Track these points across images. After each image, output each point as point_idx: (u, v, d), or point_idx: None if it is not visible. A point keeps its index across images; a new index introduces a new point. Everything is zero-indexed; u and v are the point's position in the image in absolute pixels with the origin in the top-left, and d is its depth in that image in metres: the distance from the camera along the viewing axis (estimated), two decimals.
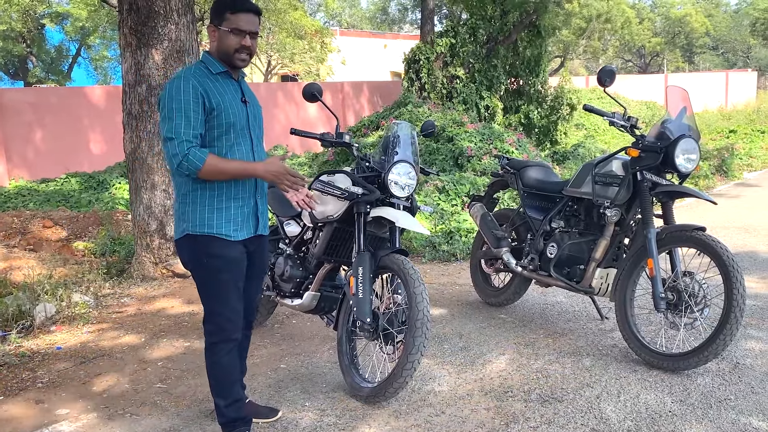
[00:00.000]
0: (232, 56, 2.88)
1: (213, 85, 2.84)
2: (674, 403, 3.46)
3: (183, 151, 2.72)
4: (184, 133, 2.73)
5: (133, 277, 6.10)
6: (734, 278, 3.59)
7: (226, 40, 2.85)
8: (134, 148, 6.02)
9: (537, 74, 14.57)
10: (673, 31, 48.37)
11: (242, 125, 2.93)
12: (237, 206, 2.92)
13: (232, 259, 2.93)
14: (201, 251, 2.90)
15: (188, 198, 2.90)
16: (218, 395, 3.09)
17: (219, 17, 2.86)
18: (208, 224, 2.87)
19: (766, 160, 13.18)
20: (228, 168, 2.81)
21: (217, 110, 2.82)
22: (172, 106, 2.76)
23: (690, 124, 4.05)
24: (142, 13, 5.80)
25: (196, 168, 2.73)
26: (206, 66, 2.89)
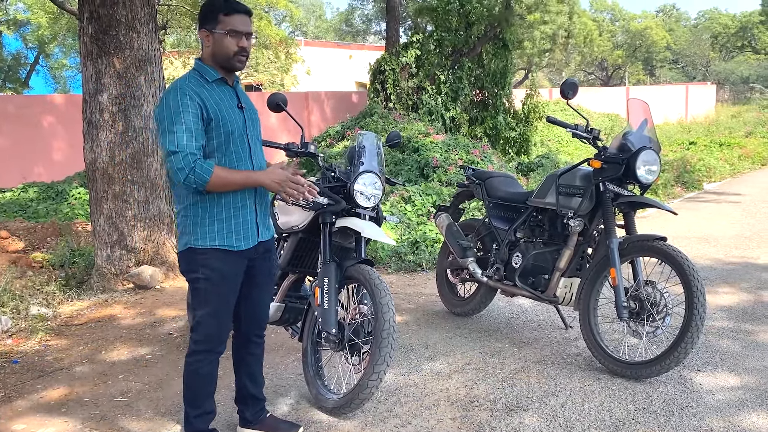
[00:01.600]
0: (231, 59, 2.82)
1: (209, 94, 2.80)
2: (637, 411, 3.50)
3: (189, 164, 2.66)
4: (188, 146, 2.67)
5: (93, 288, 5.98)
6: (695, 287, 3.65)
7: (223, 43, 2.80)
8: (95, 157, 5.91)
9: (503, 86, 14.71)
10: (633, 44, 49.36)
11: (240, 132, 2.89)
12: (238, 216, 2.90)
13: (228, 273, 2.90)
14: (200, 263, 2.87)
15: (189, 211, 2.86)
16: (190, 404, 3.06)
17: (212, 21, 2.80)
18: (210, 236, 2.84)
19: (725, 172, 13.48)
20: (234, 179, 2.78)
21: (215, 120, 2.77)
22: (172, 118, 2.69)
23: (651, 136, 4.12)
24: (104, 22, 5.72)
25: (204, 181, 2.69)
26: (200, 74, 2.84)
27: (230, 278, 2.93)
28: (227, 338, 3.06)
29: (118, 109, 5.83)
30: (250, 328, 3.21)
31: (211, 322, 2.95)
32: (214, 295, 2.91)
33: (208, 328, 2.97)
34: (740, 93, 44.78)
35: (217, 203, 2.84)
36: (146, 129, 5.96)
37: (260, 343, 3.29)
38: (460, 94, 14.11)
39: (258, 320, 3.22)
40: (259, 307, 3.21)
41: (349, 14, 43.58)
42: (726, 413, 3.44)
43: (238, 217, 2.90)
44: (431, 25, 15.14)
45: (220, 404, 3.69)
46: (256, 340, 3.26)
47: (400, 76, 13.87)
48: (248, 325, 3.20)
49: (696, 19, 57.91)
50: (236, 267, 2.94)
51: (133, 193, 5.97)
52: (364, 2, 36.64)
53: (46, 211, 9.31)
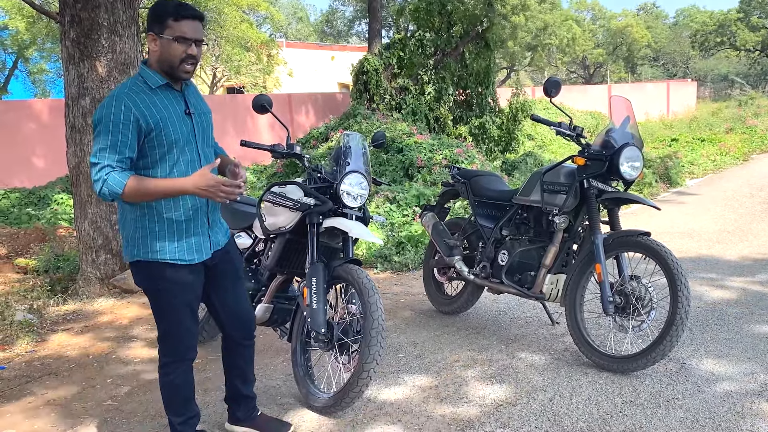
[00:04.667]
0: (176, 67, 2.70)
1: (151, 102, 2.67)
2: (624, 404, 3.54)
3: (102, 176, 2.55)
4: (108, 158, 2.57)
5: (78, 293, 5.94)
6: (679, 281, 3.70)
7: (169, 49, 2.66)
8: (78, 162, 5.88)
9: (486, 86, 14.77)
10: (614, 42, 49.74)
11: (186, 140, 2.76)
12: (189, 229, 2.81)
13: (185, 283, 2.84)
14: (155, 276, 2.81)
15: (138, 223, 2.75)
16: (172, 413, 3.05)
17: (160, 25, 2.66)
18: (160, 250, 2.76)
19: (707, 168, 13.61)
20: (152, 188, 2.62)
21: (156, 129, 2.65)
22: (100, 128, 2.60)
23: (633, 133, 4.16)
24: (85, 25, 5.69)
25: (116, 193, 2.56)
26: (144, 80, 2.71)
27: (189, 287, 2.86)
28: (196, 343, 3.02)
29: None
30: (235, 331, 3.18)
31: (176, 332, 2.92)
32: (174, 306, 2.86)
33: (174, 339, 2.94)
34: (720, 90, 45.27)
35: (166, 217, 2.75)
36: None
37: (249, 346, 3.26)
38: (444, 94, 14.16)
39: (241, 322, 3.17)
40: (237, 309, 3.15)
41: (330, 15, 43.59)
42: (712, 404, 3.49)
43: (189, 231, 2.81)
44: (413, 26, 15.19)
45: (210, 405, 3.69)
46: (245, 343, 3.23)
47: (383, 77, 13.90)
48: (232, 328, 3.17)
49: (675, 17, 58.46)
50: (193, 276, 2.86)
51: None
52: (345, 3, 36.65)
53: (29, 216, 9.24)
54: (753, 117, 21.58)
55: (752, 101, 26.62)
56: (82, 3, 5.66)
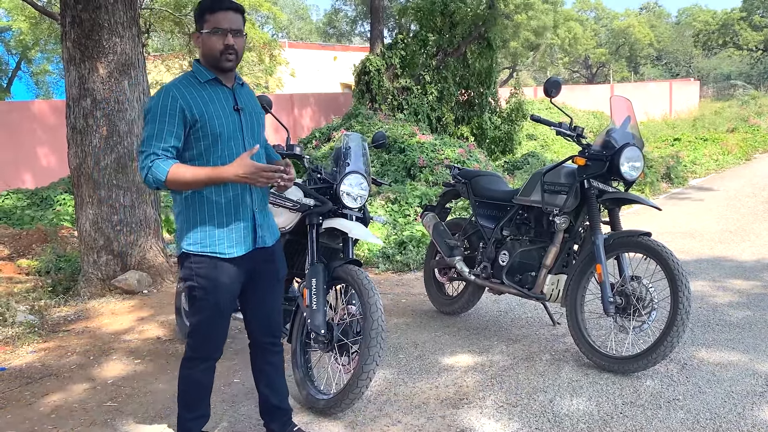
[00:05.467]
0: (219, 58, 2.76)
1: (198, 94, 2.75)
2: (625, 405, 3.53)
3: (147, 164, 2.67)
4: (154, 146, 2.67)
5: (80, 294, 5.94)
6: (680, 282, 3.69)
7: (208, 42, 2.75)
8: (79, 163, 5.89)
9: (488, 86, 14.77)
10: (617, 41, 49.69)
11: (232, 134, 2.80)
12: (231, 221, 2.83)
13: (221, 282, 2.84)
14: (193, 270, 2.83)
15: (182, 216, 2.83)
16: (185, 408, 3.03)
17: (200, 21, 2.77)
18: (201, 243, 2.80)
19: (709, 167, 13.59)
20: (192, 176, 2.68)
21: (200, 121, 2.72)
22: (148, 118, 2.71)
23: (634, 133, 4.16)
24: (86, 26, 5.70)
25: (160, 180, 2.66)
26: (195, 75, 2.81)
27: (224, 287, 2.86)
28: (223, 345, 3.02)
29: (102, 114, 5.80)
30: (262, 336, 3.14)
31: (206, 329, 2.93)
32: (207, 303, 2.86)
33: (203, 336, 2.94)
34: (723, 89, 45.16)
35: (207, 208, 2.80)
36: (131, 133, 5.94)
37: (277, 351, 3.19)
38: (446, 94, 14.15)
39: (269, 327, 3.13)
40: (269, 314, 3.12)
41: (333, 15, 43.60)
42: (713, 406, 3.48)
43: (231, 222, 2.83)
44: (415, 26, 15.19)
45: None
46: (272, 348, 3.17)
47: (385, 77, 13.90)
48: (260, 333, 3.13)
49: (677, 16, 58.37)
50: (231, 275, 2.86)
51: (118, 198, 5.94)
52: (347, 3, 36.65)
53: (32, 217, 9.25)
54: (756, 116, 21.53)
55: (755, 100, 26.58)
56: (83, 4, 5.66)
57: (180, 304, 4.82)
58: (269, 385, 3.19)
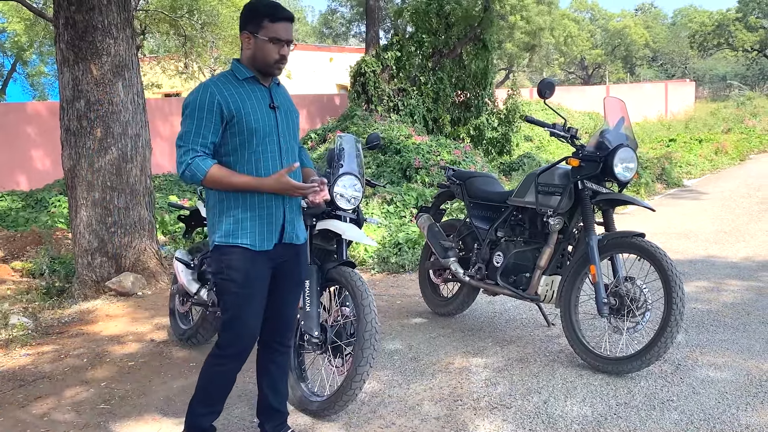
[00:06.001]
0: (271, 66, 2.84)
1: (235, 91, 2.80)
2: (619, 406, 3.53)
3: (187, 159, 2.72)
4: (192, 141, 2.73)
5: (74, 296, 5.92)
6: (673, 282, 3.69)
7: (264, 49, 2.79)
8: (73, 165, 5.87)
9: (484, 87, 14.78)
10: (613, 43, 49.77)
11: (267, 132, 2.85)
12: (263, 215, 2.86)
13: (252, 274, 2.87)
14: (223, 262, 2.86)
15: (216, 209, 2.87)
16: (201, 402, 3.01)
17: (256, 25, 2.79)
18: (233, 234, 2.83)
19: (704, 168, 13.62)
20: (229, 182, 2.77)
21: (237, 117, 2.77)
22: (187, 113, 2.76)
23: (627, 134, 4.16)
24: (80, 28, 5.68)
25: (197, 178, 2.73)
26: (233, 73, 2.86)
27: (256, 280, 2.88)
28: (254, 343, 3.01)
29: (96, 115, 5.79)
30: (273, 335, 3.12)
31: (238, 325, 2.91)
32: (239, 297, 2.87)
33: (234, 332, 2.93)
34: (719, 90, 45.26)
35: (241, 203, 2.83)
36: (125, 135, 5.92)
37: (285, 352, 3.19)
38: (442, 95, 14.16)
39: (282, 327, 3.13)
40: (284, 313, 3.12)
41: (329, 17, 43.60)
42: (707, 406, 3.48)
43: (263, 217, 2.86)
44: (411, 27, 15.18)
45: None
46: (280, 349, 3.16)
47: (380, 78, 13.89)
48: (272, 331, 3.11)
49: (673, 17, 58.49)
50: (262, 268, 2.90)
51: (113, 200, 5.92)
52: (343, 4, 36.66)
53: (26, 219, 9.23)
54: (751, 117, 21.59)
55: (750, 101, 26.64)
56: (76, 5, 5.65)
57: (174, 306, 4.81)
58: (271, 385, 3.18)
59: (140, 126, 6.07)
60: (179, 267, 4.57)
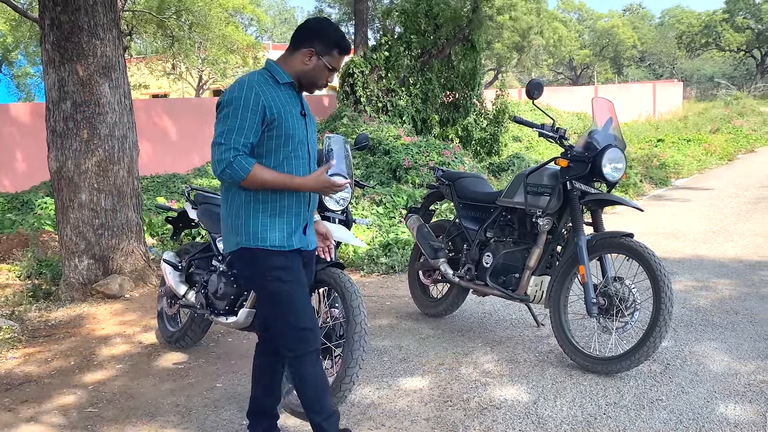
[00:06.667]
0: (314, 87, 2.92)
1: (276, 95, 2.80)
2: (608, 406, 3.53)
3: (228, 158, 2.69)
4: (234, 140, 2.70)
5: (61, 299, 5.88)
6: (662, 282, 3.70)
7: (320, 72, 2.87)
8: (59, 166, 5.82)
9: (473, 87, 14.79)
10: (601, 43, 49.98)
11: (300, 138, 2.87)
12: (290, 217, 2.87)
13: (294, 267, 2.87)
14: (262, 265, 2.83)
15: (241, 211, 2.83)
16: (313, 411, 2.95)
17: (325, 49, 2.85)
18: (262, 237, 2.81)
19: (692, 168, 13.68)
20: (272, 180, 2.76)
21: (278, 120, 2.77)
22: (229, 111, 2.73)
23: (616, 135, 4.17)
24: (65, 29, 5.64)
25: (240, 177, 2.70)
26: (271, 74, 2.85)
27: (297, 271, 2.89)
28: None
29: (83, 117, 5.74)
30: None
31: (297, 322, 2.87)
32: (288, 291, 2.85)
33: (295, 330, 2.87)
34: (706, 90, 45.55)
35: (270, 205, 2.82)
36: (112, 137, 5.88)
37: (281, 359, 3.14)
38: (430, 96, 14.17)
39: None
40: None
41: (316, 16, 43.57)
42: (696, 406, 3.49)
43: (291, 219, 2.87)
44: (399, 27, 15.19)
45: (192, 411, 3.66)
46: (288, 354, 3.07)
47: (369, 79, 13.88)
48: None
49: (660, 17, 58.83)
50: (297, 262, 2.91)
51: (100, 202, 5.88)
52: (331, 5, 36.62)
53: (12, 221, 9.15)
54: (738, 117, 21.73)
55: (737, 101, 26.81)
56: (62, 6, 5.61)
57: (162, 308, 4.78)
58: (268, 388, 3.15)
59: (127, 127, 6.03)
60: (167, 269, 4.54)
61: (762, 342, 4.34)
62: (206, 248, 4.53)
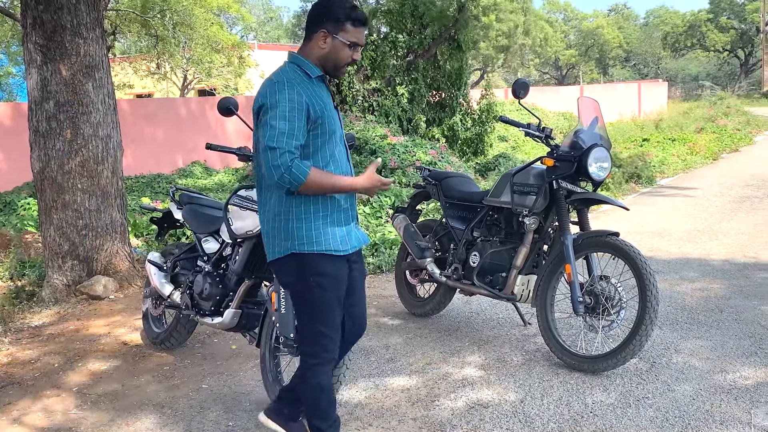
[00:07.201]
0: (340, 68, 2.79)
1: (313, 91, 2.70)
2: (595, 404, 3.54)
3: (286, 162, 2.57)
4: (287, 143, 2.58)
5: (44, 300, 5.81)
6: (647, 280, 3.72)
7: (340, 51, 2.73)
8: (42, 167, 5.76)
9: (459, 87, 14.80)
10: (586, 43, 50.23)
11: (339, 132, 2.82)
12: (340, 219, 2.81)
13: (339, 277, 2.82)
14: (309, 270, 2.77)
15: (291, 214, 2.73)
16: (318, 418, 2.93)
17: (337, 26, 2.71)
18: (317, 240, 2.74)
19: (677, 167, 13.75)
20: (329, 183, 2.69)
21: (321, 118, 2.69)
22: (275, 113, 2.60)
23: (601, 134, 4.18)
24: (48, 28, 5.58)
25: (299, 182, 2.59)
26: (302, 69, 2.74)
27: (341, 281, 2.84)
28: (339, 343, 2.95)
29: (66, 116, 5.69)
30: (352, 335, 3.08)
31: (328, 331, 2.85)
32: (327, 301, 2.81)
33: (325, 338, 2.85)
34: (691, 90, 45.89)
35: (321, 207, 2.75)
36: (96, 137, 5.83)
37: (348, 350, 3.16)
38: (417, 96, 14.15)
39: (358, 329, 3.10)
40: (360, 315, 3.08)
41: (303, 17, 43.48)
42: (681, 403, 3.50)
43: (341, 222, 2.81)
44: (386, 27, 15.16)
45: (178, 413, 3.63)
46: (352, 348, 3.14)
47: (355, 79, 13.85)
48: (350, 334, 3.06)
49: (645, 18, 59.24)
50: (344, 269, 2.85)
51: (84, 203, 5.83)
52: None
53: None
54: (723, 117, 21.89)
55: (722, 101, 27.01)
56: (45, 5, 5.55)
57: (147, 309, 4.75)
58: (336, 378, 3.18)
59: (111, 127, 5.98)
60: (152, 269, 4.51)
61: (747, 340, 4.37)
62: (191, 249, 4.49)
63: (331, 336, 2.87)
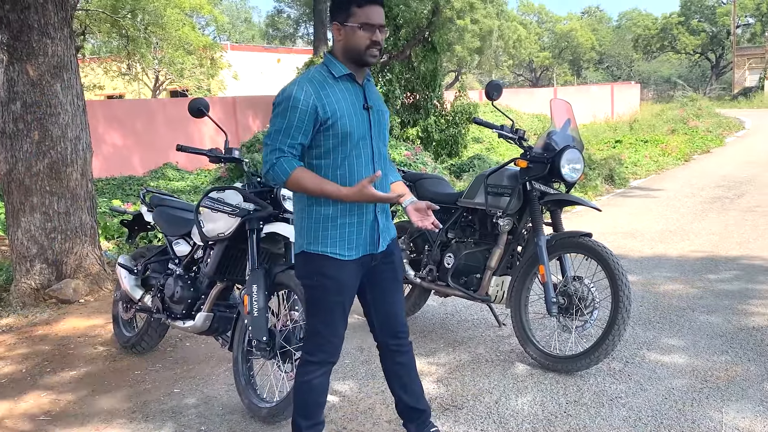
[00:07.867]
0: (363, 54, 2.68)
1: (331, 91, 2.66)
2: (569, 404, 3.55)
3: (272, 159, 2.62)
4: (280, 141, 2.62)
5: (12, 305, 5.71)
6: (620, 281, 3.73)
7: (354, 37, 2.66)
8: (10, 169, 5.66)
9: (433, 89, 14.83)
10: (560, 45, 50.67)
11: (361, 134, 2.72)
12: (353, 223, 2.75)
13: (342, 282, 2.77)
14: (313, 269, 2.76)
15: (304, 213, 2.76)
16: (301, 415, 2.91)
17: (344, 13, 2.66)
18: (322, 242, 2.73)
19: (650, 168, 13.89)
20: (315, 186, 2.63)
21: (332, 119, 2.64)
22: (278, 111, 2.64)
23: (574, 135, 4.20)
24: (14, 27, 5.48)
25: (280, 180, 2.64)
26: (329, 69, 2.72)
27: (346, 287, 2.80)
28: (340, 347, 2.92)
29: (34, 117, 5.59)
30: (387, 337, 3.03)
31: (325, 331, 2.83)
32: (328, 303, 2.79)
33: (322, 338, 2.84)
34: (663, 91, 46.49)
35: (332, 209, 2.72)
36: (64, 138, 5.73)
37: (405, 351, 3.07)
38: (391, 97, 14.16)
39: (393, 328, 3.02)
40: (394, 312, 3.02)
41: (276, 17, 43.32)
42: (654, 402, 3.52)
43: (353, 225, 2.75)
44: None
45: (149, 417, 3.57)
46: (399, 349, 3.04)
47: None
48: (384, 334, 3.03)
49: (618, 20, 59.92)
50: (351, 276, 2.80)
51: (52, 205, 5.73)
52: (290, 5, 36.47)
53: None
54: (694, 118, 22.16)
55: (693, 103, 27.36)
56: (11, 4, 5.45)
57: (117, 312, 4.68)
58: (402, 386, 3.09)
59: (80, 128, 5.89)
60: (122, 273, 4.45)
61: (718, 338, 4.41)
62: (162, 251, 4.44)
63: (327, 337, 2.85)
